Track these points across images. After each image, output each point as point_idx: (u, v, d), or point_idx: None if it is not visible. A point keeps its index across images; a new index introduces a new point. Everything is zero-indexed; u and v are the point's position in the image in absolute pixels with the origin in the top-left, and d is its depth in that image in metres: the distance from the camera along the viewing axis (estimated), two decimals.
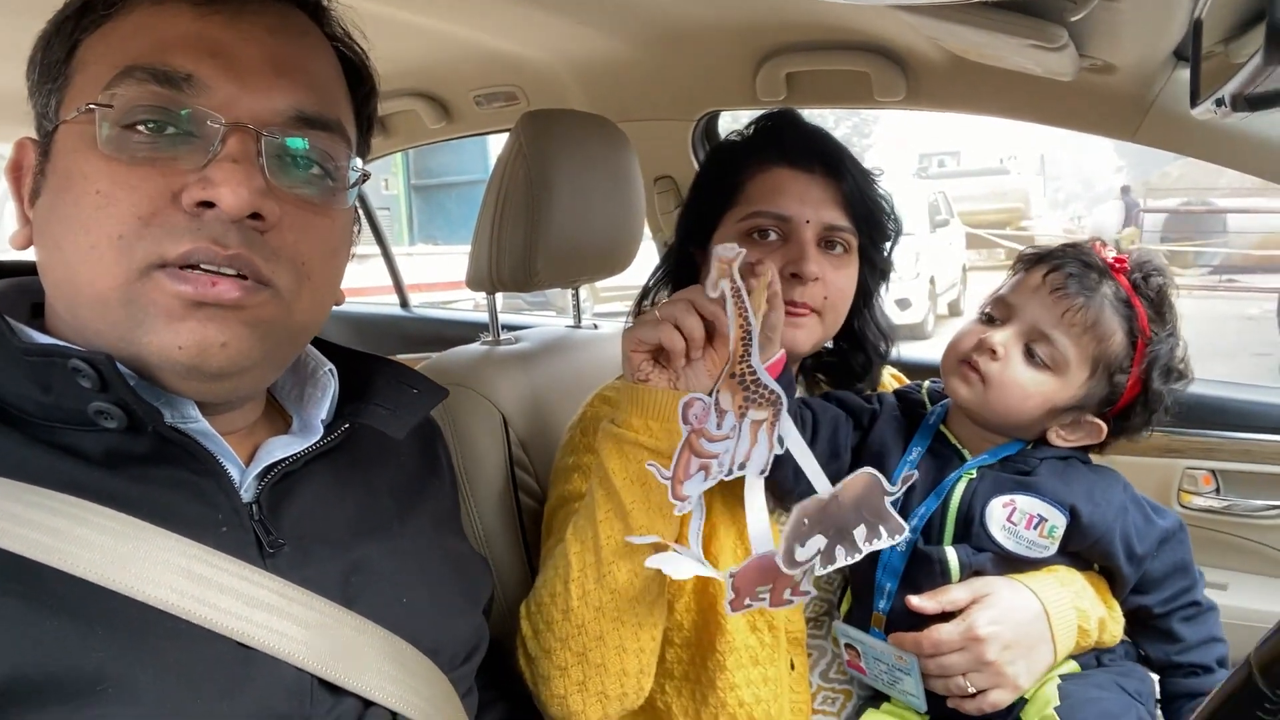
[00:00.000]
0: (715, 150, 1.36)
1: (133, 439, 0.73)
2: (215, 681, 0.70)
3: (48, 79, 0.76)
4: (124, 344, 0.71)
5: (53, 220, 0.72)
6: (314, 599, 0.78)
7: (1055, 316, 1.11)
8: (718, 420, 0.94)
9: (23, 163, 0.78)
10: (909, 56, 1.63)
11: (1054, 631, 1.10)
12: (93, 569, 0.67)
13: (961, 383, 1.15)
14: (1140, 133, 1.50)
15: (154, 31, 0.73)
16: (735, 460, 0.93)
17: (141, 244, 0.70)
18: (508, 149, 1.40)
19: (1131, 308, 1.12)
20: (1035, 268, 1.15)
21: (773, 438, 0.92)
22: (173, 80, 0.71)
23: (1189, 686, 1.17)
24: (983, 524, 1.12)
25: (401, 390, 0.90)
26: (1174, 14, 1.10)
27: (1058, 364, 1.11)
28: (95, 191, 0.70)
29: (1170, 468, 1.81)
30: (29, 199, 0.77)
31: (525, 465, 1.36)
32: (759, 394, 0.93)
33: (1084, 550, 1.16)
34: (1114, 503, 1.15)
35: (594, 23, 1.72)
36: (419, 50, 1.93)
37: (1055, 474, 1.14)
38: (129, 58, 0.71)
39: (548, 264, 1.39)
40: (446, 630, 0.91)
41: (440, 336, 2.82)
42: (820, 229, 1.20)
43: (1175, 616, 1.18)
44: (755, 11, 1.63)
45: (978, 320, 1.18)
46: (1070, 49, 1.13)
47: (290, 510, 0.81)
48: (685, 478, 0.95)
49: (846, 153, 1.25)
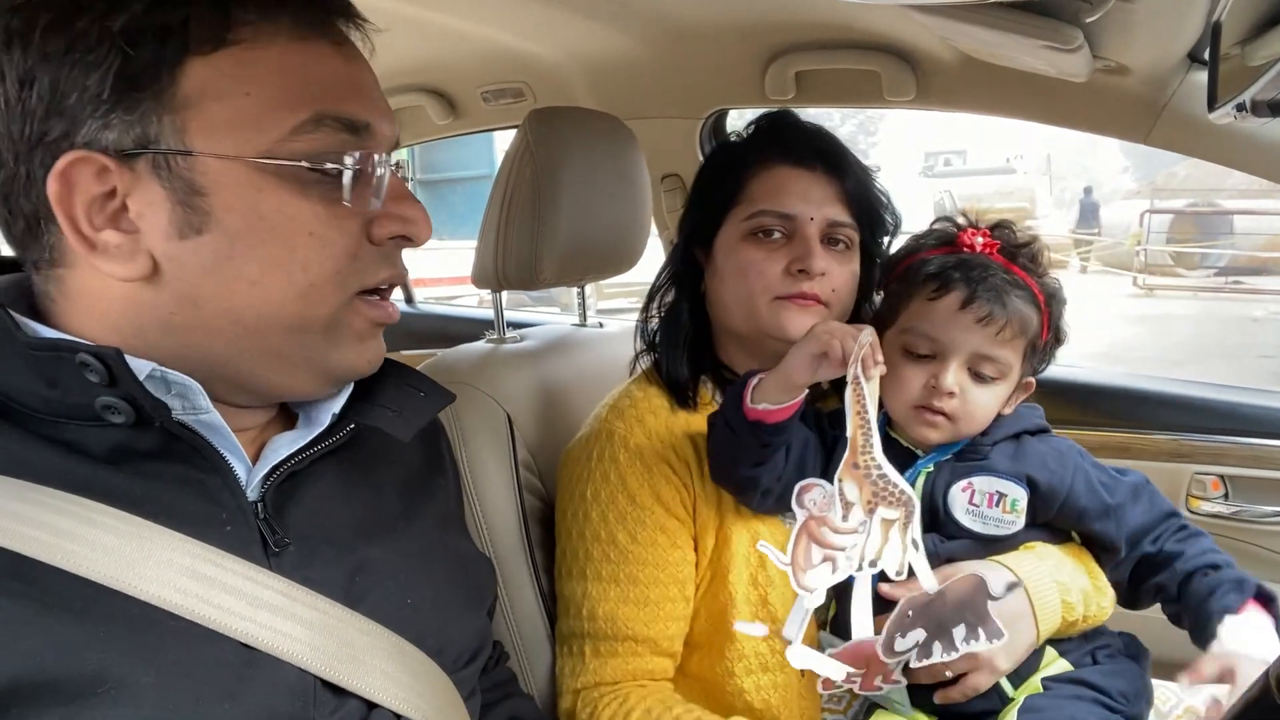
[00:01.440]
0: (715, 151, 1.36)
1: (139, 434, 0.72)
2: (218, 683, 0.70)
3: (132, 89, 0.69)
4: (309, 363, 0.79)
5: (247, 259, 0.73)
6: (318, 599, 0.77)
7: (989, 339, 1.13)
8: (843, 512, 0.94)
9: (78, 182, 0.69)
10: (919, 56, 1.62)
11: (1034, 606, 1.10)
12: (96, 568, 0.66)
13: (927, 428, 1.16)
14: (1153, 135, 1.49)
15: (313, 72, 0.74)
16: (865, 557, 0.94)
17: (353, 277, 0.77)
18: (515, 146, 1.39)
19: (1026, 285, 1.16)
20: (940, 297, 1.15)
21: (906, 539, 0.94)
22: (357, 129, 0.75)
23: (1208, 584, 1.13)
24: (947, 511, 1.14)
25: (408, 393, 0.90)
26: (1189, 16, 1.10)
27: (1004, 373, 1.16)
28: (309, 234, 0.74)
29: (1179, 472, 1.80)
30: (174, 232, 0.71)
31: (530, 465, 1.36)
32: (889, 493, 0.94)
33: (1055, 519, 1.17)
34: (1069, 464, 1.17)
35: (602, 20, 1.72)
36: (427, 46, 1.93)
37: (1007, 454, 1.17)
38: (311, 103, 0.73)
39: (554, 262, 1.39)
40: (450, 631, 0.90)
41: (445, 333, 2.81)
42: (824, 225, 1.20)
43: (1168, 540, 1.18)
44: (764, 10, 1.62)
45: (904, 357, 1.17)
46: (1084, 50, 1.12)
47: (296, 509, 0.81)
48: (807, 566, 0.95)
49: (846, 149, 1.26)
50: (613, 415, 1.25)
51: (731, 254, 1.22)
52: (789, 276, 1.17)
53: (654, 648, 1.17)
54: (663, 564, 1.18)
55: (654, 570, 1.17)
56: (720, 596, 1.16)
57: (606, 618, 1.17)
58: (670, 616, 1.18)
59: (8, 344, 0.70)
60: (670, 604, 1.18)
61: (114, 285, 0.72)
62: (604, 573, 1.18)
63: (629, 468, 1.19)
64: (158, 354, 0.73)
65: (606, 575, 1.18)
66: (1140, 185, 20.88)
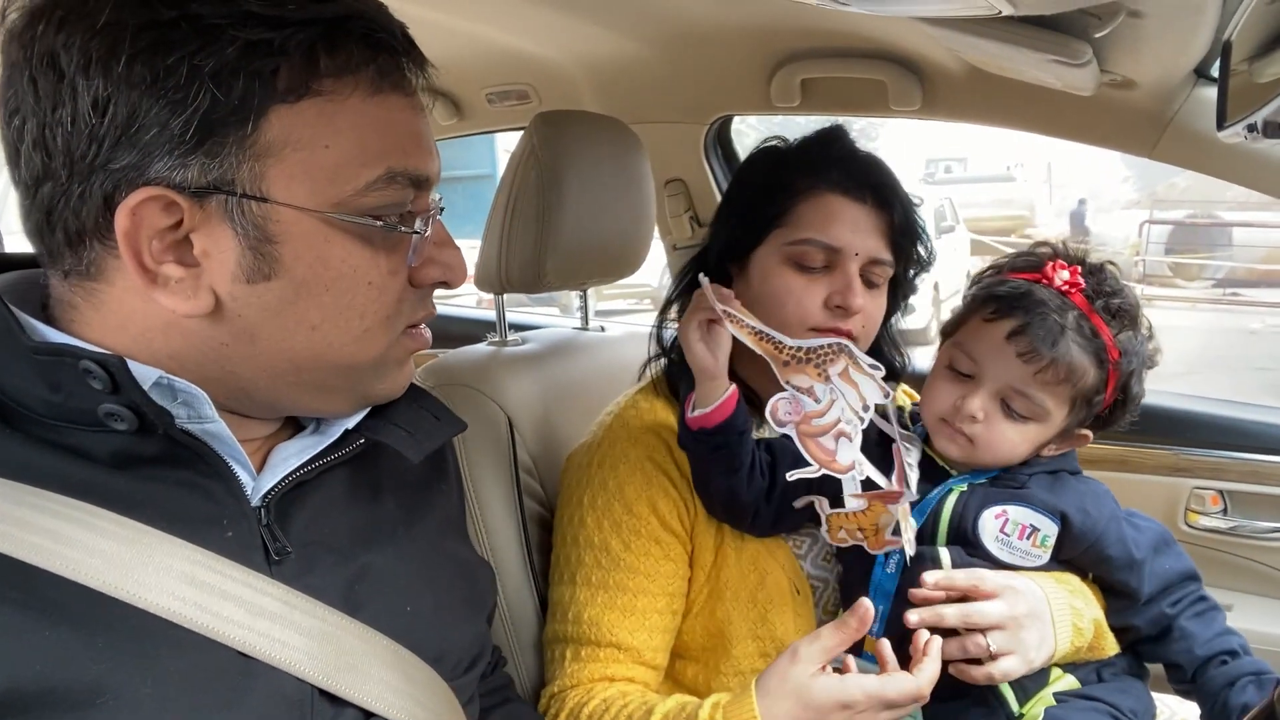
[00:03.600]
0: (760, 162, 1.31)
1: (142, 441, 0.72)
2: (215, 692, 0.69)
3: (215, 132, 0.67)
4: (351, 393, 0.82)
5: (309, 305, 0.74)
6: (318, 607, 0.77)
7: (1027, 376, 1.10)
8: (811, 399, 0.97)
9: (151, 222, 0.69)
10: (926, 66, 1.62)
11: (1054, 617, 1.10)
12: (95, 575, 0.66)
13: (948, 443, 1.16)
14: (1158, 149, 1.49)
15: (387, 127, 0.75)
16: (855, 410, 0.97)
17: (400, 319, 0.81)
18: (520, 149, 1.39)
19: (1098, 336, 1.11)
20: (995, 320, 1.13)
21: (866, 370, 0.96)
22: (420, 183, 0.78)
23: (1226, 675, 1.13)
24: (975, 535, 1.13)
25: (422, 415, 0.90)
26: (1198, 31, 1.09)
27: (1038, 415, 1.12)
28: (368, 283, 0.76)
29: (1178, 487, 1.80)
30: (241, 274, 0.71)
31: (530, 469, 1.35)
32: (820, 353, 0.97)
33: (1077, 558, 1.16)
34: (1105, 510, 1.15)
35: (609, 24, 1.71)
36: (433, 46, 1.90)
37: (1045, 487, 1.15)
38: (384, 159, 0.74)
39: (557, 265, 1.38)
40: (450, 638, 0.90)
41: (445, 332, 2.79)
42: (866, 261, 1.19)
43: (1186, 615, 1.17)
44: (771, 17, 1.61)
45: (945, 371, 1.17)
46: (1092, 65, 1.12)
47: (299, 517, 0.80)
48: (832, 456, 0.99)
49: (897, 181, 1.24)
50: (617, 424, 1.25)
51: (770, 277, 1.20)
52: (828, 310, 1.16)
53: (635, 656, 1.16)
54: (653, 574, 1.17)
55: (644, 580, 1.17)
56: (718, 613, 1.16)
57: (591, 622, 1.16)
58: (656, 628, 1.17)
59: (11, 346, 0.69)
60: (657, 615, 1.17)
61: (163, 311, 0.71)
62: (594, 579, 1.18)
63: (628, 478, 1.19)
64: (187, 370, 0.73)
65: (596, 581, 1.18)
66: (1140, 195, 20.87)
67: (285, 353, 0.75)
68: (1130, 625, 1.18)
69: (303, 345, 0.75)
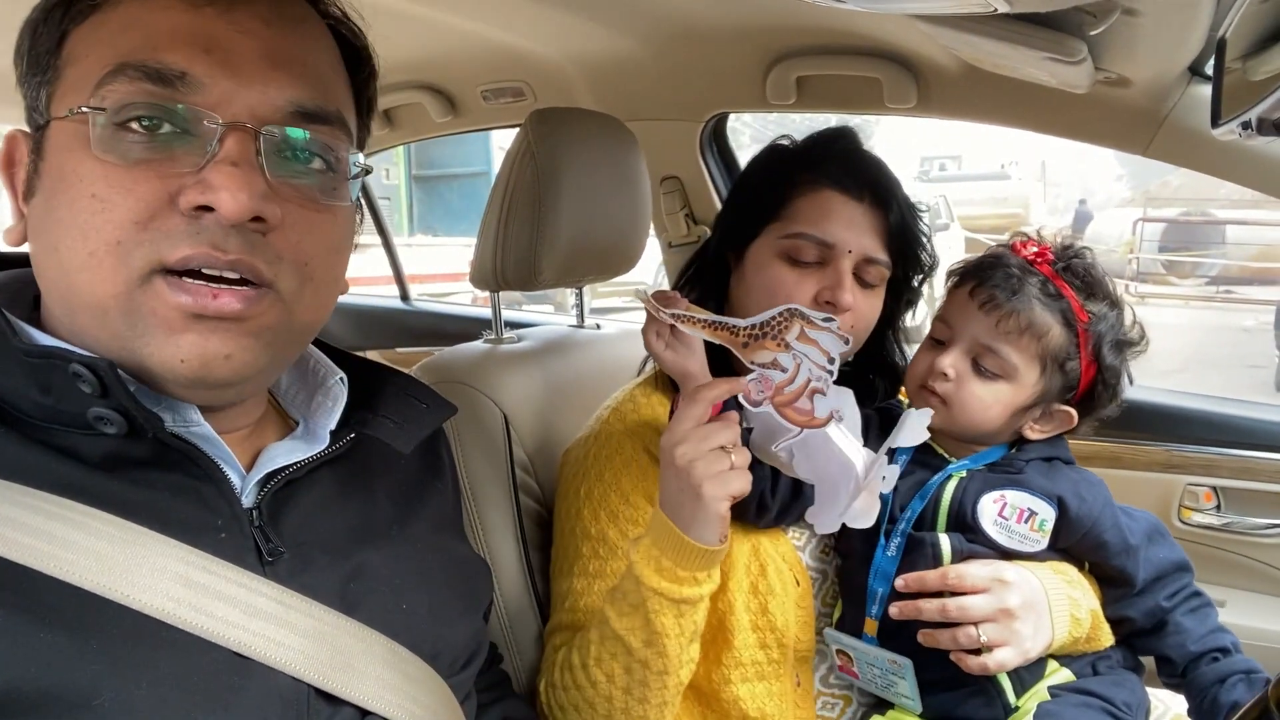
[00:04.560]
0: (765, 156, 1.32)
1: (132, 444, 0.72)
2: (211, 693, 0.69)
3: (36, 70, 0.73)
4: (126, 352, 0.70)
5: (49, 223, 0.70)
6: (313, 606, 0.76)
7: (990, 328, 1.15)
8: (779, 369, 0.98)
9: (15, 156, 0.76)
10: (921, 64, 1.62)
11: (1052, 607, 1.11)
12: (89, 576, 0.65)
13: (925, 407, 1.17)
14: (1153, 147, 1.49)
15: (145, 26, 0.70)
16: (821, 366, 0.98)
17: (140, 250, 0.68)
18: (515, 147, 1.39)
19: (1061, 297, 1.16)
20: (962, 283, 1.20)
21: (820, 325, 0.97)
22: (166, 78, 0.69)
23: (1217, 672, 1.15)
24: (975, 519, 1.14)
25: (410, 403, 0.89)
26: (1193, 29, 1.10)
27: (1006, 371, 1.16)
28: (90, 195, 0.68)
29: (1171, 483, 1.80)
30: (23, 195, 0.74)
31: (526, 466, 1.35)
32: (774, 329, 0.98)
33: (1074, 545, 1.17)
34: (1100, 496, 1.18)
35: (604, 21, 1.71)
36: (427, 43, 1.92)
37: (1041, 473, 1.18)
38: (120, 54, 0.69)
39: (553, 263, 1.38)
40: (446, 635, 0.90)
41: (441, 331, 2.80)
42: (859, 259, 1.19)
43: (1181, 610, 1.19)
44: (767, 14, 1.61)
45: (926, 343, 1.23)
46: (1087, 62, 1.12)
47: (291, 517, 0.80)
48: (808, 413, 0.99)
49: (898, 184, 1.25)
50: (614, 417, 1.25)
51: (763, 269, 1.21)
52: (816, 306, 1.16)
53: None
54: None
55: None
56: (720, 604, 1.16)
57: (586, 610, 1.17)
58: None
59: (3, 348, 0.69)
60: None
61: None
62: (591, 568, 1.18)
63: (624, 469, 1.19)
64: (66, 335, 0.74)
65: (593, 571, 1.18)
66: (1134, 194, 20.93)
67: (48, 287, 0.74)
68: (1126, 617, 1.19)
69: (54, 273, 0.72)
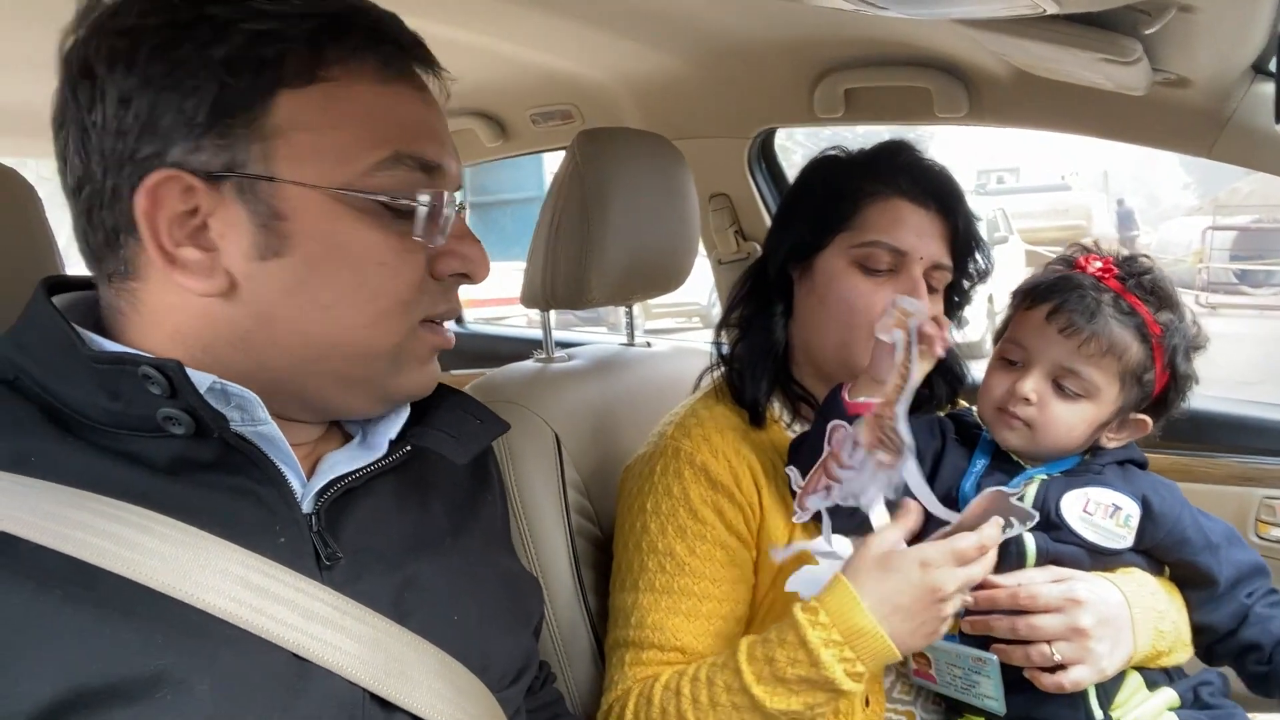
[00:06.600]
0: (823, 169, 1.33)
1: (198, 446, 0.74)
2: (270, 692, 0.71)
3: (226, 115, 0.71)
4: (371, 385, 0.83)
5: (317, 284, 0.76)
6: (368, 614, 0.78)
7: (1071, 351, 1.13)
8: (850, 450, 1.00)
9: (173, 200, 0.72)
10: (971, 71, 1.60)
11: (1134, 621, 1.08)
12: (154, 575, 0.68)
13: (1006, 430, 1.18)
14: (1216, 149, 1.44)
15: (395, 114, 0.78)
16: (854, 491, 1.00)
17: (418, 307, 0.81)
18: (564, 167, 1.41)
19: (1134, 313, 1.14)
20: (1035, 306, 1.18)
21: (890, 482, 0.98)
22: (429, 169, 0.79)
23: None
24: (1059, 516, 1.13)
25: (465, 419, 0.92)
26: (1253, 25, 1.07)
27: (1089, 391, 1.14)
28: (379, 263, 0.77)
29: (1246, 497, 1.73)
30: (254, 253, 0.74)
31: (578, 486, 1.36)
32: (890, 439, 0.98)
33: (1158, 544, 1.15)
34: (1177, 497, 1.17)
35: (650, 41, 1.72)
36: (477, 70, 1.95)
37: (1119, 475, 1.17)
38: (391, 142, 0.76)
39: (602, 281, 1.39)
40: (495, 649, 0.90)
41: (494, 352, 2.83)
42: (929, 265, 1.22)
43: (1262, 603, 1.17)
44: (811, 27, 1.61)
45: (997, 363, 1.21)
46: (1144, 63, 1.09)
47: (349, 524, 0.82)
48: (812, 492, 1.03)
49: (961, 191, 1.27)
50: (679, 433, 1.25)
51: (836, 278, 1.22)
52: None
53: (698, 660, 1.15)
54: (718, 579, 1.17)
55: (709, 585, 1.16)
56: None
57: (654, 626, 1.16)
58: (719, 633, 1.16)
59: (72, 358, 0.72)
60: (721, 620, 1.17)
61: (191, 301, 0.74)
62: (657, 584, 1.18)
63: (693, 484, 1.19)
64: (225, 368, 0.75)
65: (660, 586, 1.17)
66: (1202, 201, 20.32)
67: (301, 335, 0.77)
68: (1208, 624, 1.17)
69: (317, 327, 0.77)
